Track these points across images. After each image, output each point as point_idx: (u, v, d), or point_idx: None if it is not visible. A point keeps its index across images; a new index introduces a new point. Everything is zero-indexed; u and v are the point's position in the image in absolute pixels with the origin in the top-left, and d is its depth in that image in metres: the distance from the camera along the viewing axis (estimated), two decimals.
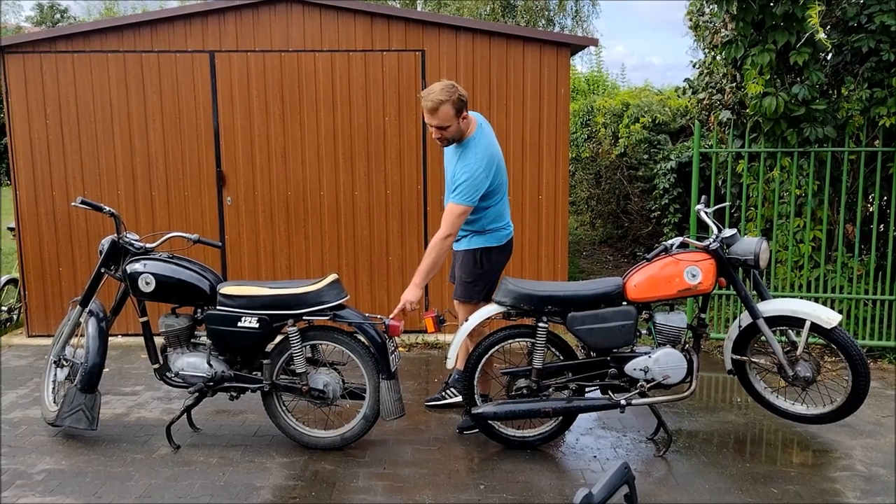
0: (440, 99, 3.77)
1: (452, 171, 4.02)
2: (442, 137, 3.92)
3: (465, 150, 3.95)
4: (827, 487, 3.59)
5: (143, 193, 6.05)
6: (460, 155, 3.96)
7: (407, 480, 3.66)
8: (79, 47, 5.90)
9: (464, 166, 3.88)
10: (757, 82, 5.36)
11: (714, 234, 3.96)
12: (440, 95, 3.77)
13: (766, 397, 4.18)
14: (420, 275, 3.89)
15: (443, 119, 3.81)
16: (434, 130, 3.89)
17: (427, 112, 3.82)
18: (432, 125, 3.86)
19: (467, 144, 3.95)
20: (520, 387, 3.94)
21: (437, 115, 3.80)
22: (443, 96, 3.77)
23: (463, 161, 3.91)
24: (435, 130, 3.89)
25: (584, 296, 3.88)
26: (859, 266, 5.65)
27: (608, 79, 15.52)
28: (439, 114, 3.80)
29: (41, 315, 6.16)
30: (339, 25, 5.91)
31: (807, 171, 5.62)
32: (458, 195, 3.85)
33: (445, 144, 4.01)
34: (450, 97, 3.78)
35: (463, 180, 3.85)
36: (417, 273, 3.90)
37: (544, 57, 5.93)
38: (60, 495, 3.52)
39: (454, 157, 4.03)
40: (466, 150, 3.94)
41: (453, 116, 3.82)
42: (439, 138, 3.93)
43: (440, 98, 3.77)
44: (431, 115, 3.81)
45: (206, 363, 3.96)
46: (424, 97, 3.82)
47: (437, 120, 3.82)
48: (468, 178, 3.85)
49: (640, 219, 9.01)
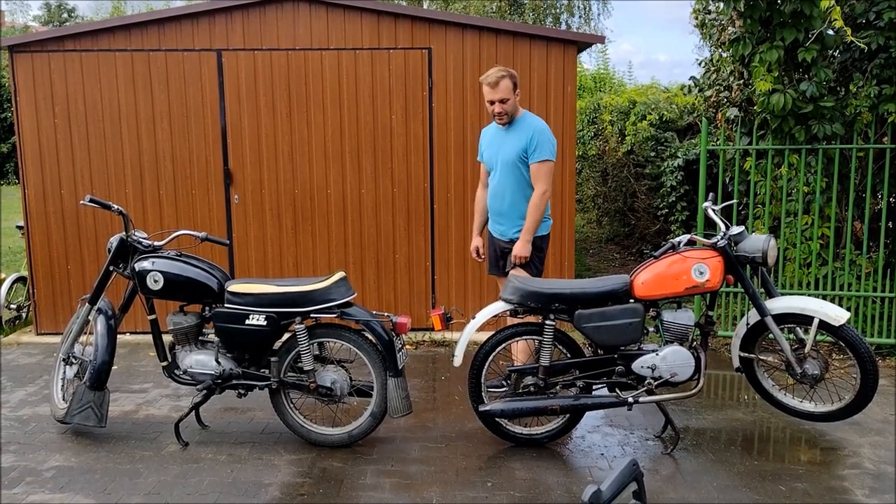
0: (501, 74, 4.21)
1: (497, 149, 4.39)
2: (503, 112, 4.27)
3: (519, 123, 4.34)
4: (835, 485, 3.58)
5: (151, 191, 6.07)
6: (515, 130, 4.33)
7: (414, 478, 3.67)
8: (87, 46, 5.92)
9: (531, 131, 4.26)
10: (765, 79, 5.34)
11: (722, 231, 3.95)
12: (500, 72, 4.23)
13: (774, 395, 4.17)
14: (529, 231, 4.28)
15: (504, 92, 4.22)
16: (496, 105, 4.26)
17: (489, 87, 4.22)
18: (495, 99, 4.23)
19: (521, 119, 4.36)
20: (527, 384, 3.94)
21: (498, 89, 4.21)
22: (502, 73, 4.23)
23: (523, 129, 4.30)
24: (497, 105, 4.25)
25: (592, 293, 3.87)
26: (867, 263, 5.62)
27: (615, 76, 15.48)
28: (500, 87, 4.20)
29: (50, 313, 6.19)
30: (346, 24, 5.91)
31: (815, 168, 5.60)
32: (542, 152, 4.25)
33: (505, 121, 4.33)
34: (507, 73, 4.23)
35: (540, 140, 4.24)
36: (527, 230, 4.27)
37: (551, 54, 5.93)
38: (70, 492, 3.54)
39: (504, 136, 4.38)
40: (522, 122, 4.34)
41: (511, 90, 4.24)
42: (500, 112, 4.28)
43: (500, 73, 4.22)
44: (493, 88, 4.21)
45: (214, 361, 3.98)
46: (485, 77, 4.25)
47: (499, 93, 4.22)
48: (544, 136, 4.26)
49: (647, 216, 8.99)
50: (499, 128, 4.42)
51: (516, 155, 4.28)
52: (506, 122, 4.34)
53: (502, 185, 4.37)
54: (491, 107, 4.28)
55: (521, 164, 4.28)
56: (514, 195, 4.34)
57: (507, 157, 4.31)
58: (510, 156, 4.30)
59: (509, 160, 4.31)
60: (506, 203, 4.37)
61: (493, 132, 4.49)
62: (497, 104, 4.25)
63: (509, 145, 4.32)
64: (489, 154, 4.47)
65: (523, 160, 4.28)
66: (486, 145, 4.51)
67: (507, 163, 4.31)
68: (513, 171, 4.31)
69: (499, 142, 4.40)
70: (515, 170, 4.30)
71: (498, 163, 4.38)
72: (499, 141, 4.40)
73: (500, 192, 4.39)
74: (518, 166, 4.29)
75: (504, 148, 4.34)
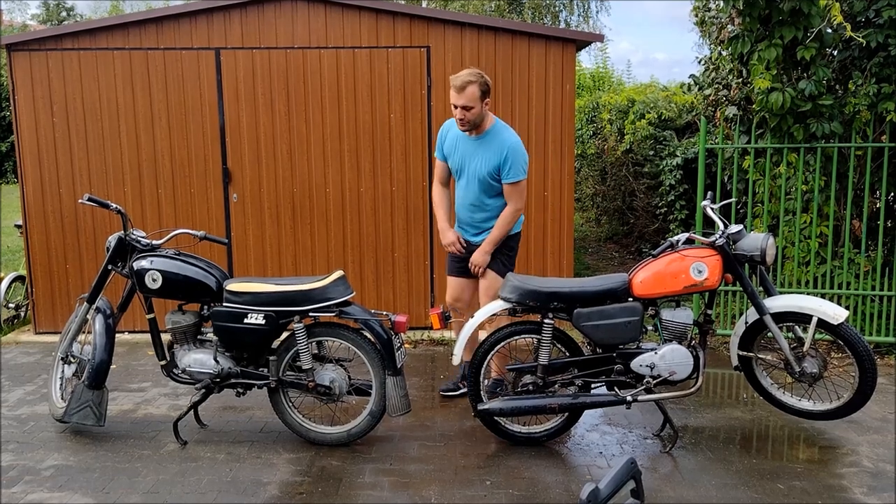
0: (469, 79, 4.02)
1: (465, 158, 4.25)
2: (465, 119, 4.10)
3: (491, 136, 4.19)
4: (833, 483, 3.58)
5: (150, 190, 6.07)
6: (486, 143, 4.19)
7: (413, 476, 3.67)
8: (85, 45, 5.92)
9: (504, 149, 4.13)
10: (763, 78, 5.34)
11: (720, 230, 3.95)
12: (469, 77, 4.03)
13: (773, 393, 4.17)
14: (493, 243, 4.23)
15: (469, 99, 4.03)
16: (458, 111, 4.08)
17: (455, 90, 4.03)
18: (458, 104, 4.05)
19: (492, 131, 4.20)
20: (526, 383, 3.94)
21: (464, 94, 4.02)
22: (472, 77, 4.03)
23: (496, 145, 4.15)
24: (459, 111, 4.07)
25: (590, 292, 3.87)
26: (866, 262, 5.63)
27: (613, 75, 15.48)
28: (466, 93, 4.01)
29: (48, 312, 6.19)
30: (345, 22, 5.91)
31: (813, 166, 5.60)
32: (517, 173, 4.14)
33: (466, 128, 4.16)
34: (477, 80, 4.04)
35: (514, 159, 4.13)
36: (492, 241, 4.22)
37: (550, 53, 5.92)
38: (68, 491, 3.54)
39: (473, 146, 4.23)
40: (494, 136, 4.19)
41: (478, 98, 4.05)
42: (462, 119, 4.10)
43: (469, 79, 4.02)
44: (459, 93, 4.02)
45: (212, 360, 3.97)
46: (454, 78, 4.05)
47: (463, 99, 4.03)
48: (517, 155, 4.14)
49: (646, 215, 8.99)
50: (467, 136, 4.25)
51: (487, 172, 4.16)
52: (468, 131, 4.18)
53: (470, 196, 4.29)
54: (454, 110, 4.09)
55: (492, 180, 4.19)
56: (482, 206, 4.29)
57: (478, 172, 4.19)
58: (481, 171, 4.18)
59: (480, 175, 4.19)
60: (475, 215, 4.33)
61: (460, 135, 4.28)
62: (460, 110, 4.05)
63: (480, 159, 4.18)
64: (456, 160, 4.30)
65: (495, 178, 4.17)
66: (452, 149, 4.32)
67: (478, 177, 4.20)
68: (482, 184, 4.22)
69: (468, 150, 4.24)
70: (485, 184, 4.21)
71: (466, 173, 4.26)
72: (468, 149, 4.24)
73: (468, 202, 4.31)
74: (489, 182, 4.20)
75: (474, 160, 4.21)
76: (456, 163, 4.32)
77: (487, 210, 4.30)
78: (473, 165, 4.21)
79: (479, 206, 4.29)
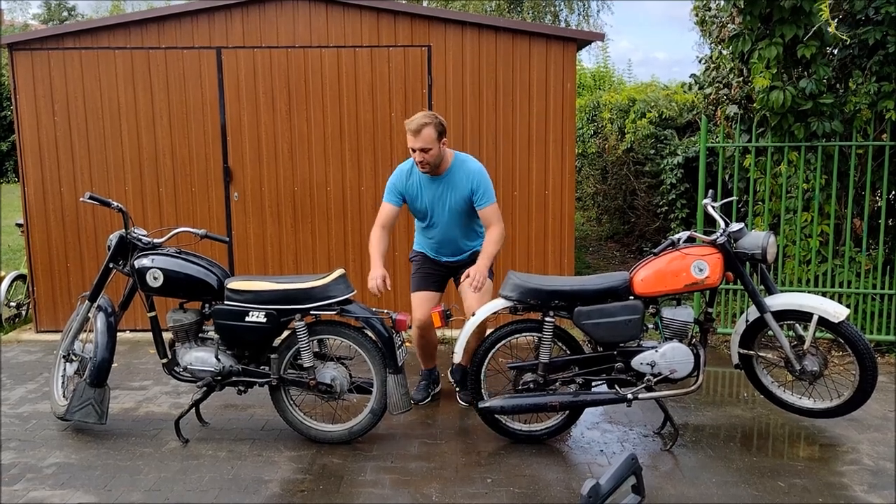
0: (424, 122, 4.05)
1: (435, 200, 4.28)
2: (425, 161, 4.12)
3: (454, 171, 4.25)
4: (834, 481, 3.58)
5: (151, 189, 6.08)
6: (452, 179, 4.24)
7: (414, 474, 3.68)
8: (86, 44, 5.93)
9: (471, 177, 4.22)
10: (764, 76, 5.34)
11: (721, 228, 3.95)
12: (423, 119, 4.07)
13: (774, 391, 4.18)
14: (489, 260, 4.15)
15: (426, 141, 4.06)
16: (417, 154, 4.11)
17: (411, 134, 4.07)
18: (416, 147, 4.08)
19: (454, 167, 4.26)
20: (526, 381, 3.94)
21: (420, 137, 4.05)
22: (426, 119, 4.07)
23: (462, 177, 4.23)
24: (418, 153, 4.10)
25: (591, 290, 3.88)
26: (867, 261, 5.63)
27: (614, 74, 15.48)
28: (423, 135, 4.05)
29: (50, 311, 6.20)
30: (346, 21, 5.91)
31: (814, 165, 5.60)
32: (489, 196, 4.22)
33: (427, 169, 4.18)
34: (432, 121, 4.08)
35: (483, 183, 4.22)
36: (488, 258, 4.14)
37: (550, 52, 5.93)
38: (70, 489, 3.54)
39: (440, 187, 4.27)
40: (458, 170, 4.25)
41: (435, 139, 4.08)
42: (421, 161, 4.13)
43: (424, 121, 4.05)
44: (415, 136, 4.06)
45: (214, 358, 3.98)
46: (408, 123, 4.09)
47: (420, 142, 4.06)
48: (485, 179, 4.23)
49: (647, 214, 9.00)
50: (429, 178, 4.27)
51: (465, 203, 4.26)
52: (429, 172, 4.20)
53: (451, 231, 4.35)
54: (413, 154, 4.14)
55: (468, 208, 4.27)
56: (465, 234, 4.39)
57: (455, 206, 4.27)
58: (458, 205, 4.26)
59: (458, 209, 4.27)
60: (459, 244, 4.40)
61: (423, 180, 4.29)
62: (419, 153, 4.09)
63: (452, 195, 4.26)
64: (425, 203, 4.31)
65: (470, 205, 4.26)
66: (416, 193, 4.31)
67: (456, 211, 4.28)
68: (460, 216, 4.31)
69: (436, 191, 4.28)
70: (463, 215, 4.31)
71: (439, 212, 4.30)
72: (435, 191, 4.28)
73: (449, 238, 4.37)
74: (466, 211, 4.29)
75: (447, 198, 4.27)
76: (425, 205, 4.32)
77: (473, 233, 4.41)
78: (448, 203, 4.27)
79: (466, 234, 4.39)
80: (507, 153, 6.01)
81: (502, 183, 6.02)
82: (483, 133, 5.99)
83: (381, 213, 4.31)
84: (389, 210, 4.31)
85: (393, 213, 4.31)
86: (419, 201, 4.33)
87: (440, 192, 4.28)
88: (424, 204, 4.32)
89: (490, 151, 6.00)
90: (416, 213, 4.42)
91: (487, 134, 5.99)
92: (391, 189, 4.34)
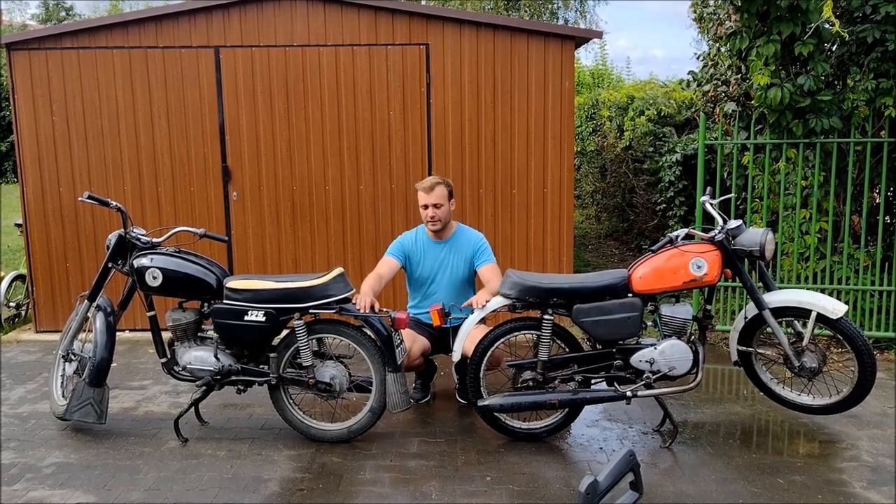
0: (436, 181, 4.35)
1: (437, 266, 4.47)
2: (435, 217, 4.36)
3: (457, 237, 4.50)
4: (833, 478, 3.59)
5: (150, 189, 6.08)
6: (455, 244, 4.48)
7: (414, 472, 3.68)
8: (84, 44, 5.92)
9: (472, 242, 4.49)
10: (762, 73, 5.34)
11: (720, 225, 3.96)
12: (436, 179, 4.37)
13: (773, 388, 4.18)
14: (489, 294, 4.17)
15: (438, 197, 4.33)
16: (430, 210, 4.35)
17: (424, 192, 4.33)
18: (429, 203, 4.33)
19: (457, 233, 4.51)
20: (525, 379, 3.95)
21: (433, 194, 4.32)
22: (438, 180, 4.37)
23: (464, 243, 4.48)
24: (431, 209, 4.35)
25: (590, 288, 3.88)
26: (865, 257, 5.63)
27: (613, 72, 15.48)
28: (435, 192, 4.33)
29: (49, 310, 6.20)
30: (344, 20, 5.91)
31: (812, 162, 5.61)
32: (489, 254, 4.49)
33: (438, 227, 4.39)
34: (443, 181, 4.38)
35: (483, 246, 4.50)
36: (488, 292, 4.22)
37: (549, 50, 5.93)
38: (70, 488, 3.54)
39: (444, 252, 4.47)
40: (460, 236, 4.51)
41: (446, 197, 4.37)
42: (433, 217, 4.36)
43: (436, 181, 4.36)
44: (428, 193, 4.32)
45: (213, 357, 3.98)
46: (420, 184, 4.38)
47: (433, 198, 4.33)
48: (484, 241, 4.52)
49: (646, 212, 9.00)
50: (433, 242, 4.47)
51: (466, 268, 4.46)
52: (439, 230, 4.40)
53: (452, 297, 4.43)
54: (424, 211, 4.36)
55: (469, 275, 4.49)
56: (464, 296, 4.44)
57: (457, 270, 4.45)
58: (459, 269, 4.45)
59: (459, 274, 4.46)
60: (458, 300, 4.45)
61: (427, 245, 4.48)
62: (431, 208, 4.33)
63: (454, 258, 4.45)
64: (427, 268, 4.47)
65: (470, 273, 4.48)
66: (420, 257, 4.48)
67: (457, 276, 4.45)
68: (460, 284, 4.48)
69: (439, 257, 4.46)
70: (464, 282, 4.49)
71: (440, 276, 4.46)
72: (438, 256, 4.46)
73: (450, 300, 4.40)
74: (466, 278, 4.49)
75: (449, 264, 4.45)
76: (427, 270, 4.48)
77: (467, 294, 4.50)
78: (451, 266, 4.45)
79: (462, 297, 4.44)
80: (506, 151, 6.01)
81: (501, 181, 6.03)
82: (481, 131, 5.99)
83: (381, 264, 4.44)
84: (390, 263, 4.44)
85: (392, 266, 4.43)
86: (422, 265, 4.47)
87: (443, 255, 4.46)
88: (427, 268, 4.47)
89: (488, 150, 6.00)
90: (416, 280, 4.52)
91: (486, 132, 6.00)
92: (397, 245, 4.51)
